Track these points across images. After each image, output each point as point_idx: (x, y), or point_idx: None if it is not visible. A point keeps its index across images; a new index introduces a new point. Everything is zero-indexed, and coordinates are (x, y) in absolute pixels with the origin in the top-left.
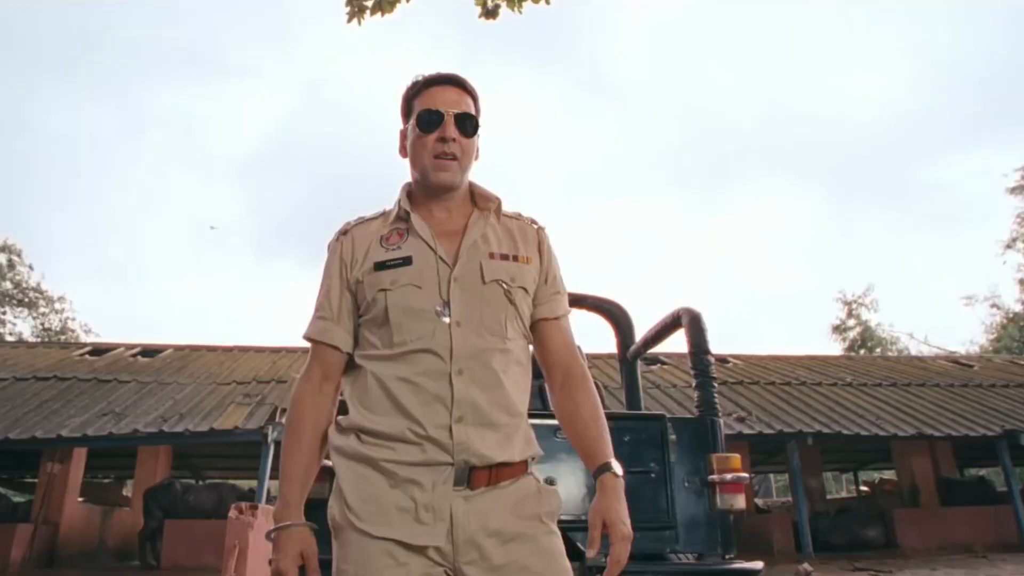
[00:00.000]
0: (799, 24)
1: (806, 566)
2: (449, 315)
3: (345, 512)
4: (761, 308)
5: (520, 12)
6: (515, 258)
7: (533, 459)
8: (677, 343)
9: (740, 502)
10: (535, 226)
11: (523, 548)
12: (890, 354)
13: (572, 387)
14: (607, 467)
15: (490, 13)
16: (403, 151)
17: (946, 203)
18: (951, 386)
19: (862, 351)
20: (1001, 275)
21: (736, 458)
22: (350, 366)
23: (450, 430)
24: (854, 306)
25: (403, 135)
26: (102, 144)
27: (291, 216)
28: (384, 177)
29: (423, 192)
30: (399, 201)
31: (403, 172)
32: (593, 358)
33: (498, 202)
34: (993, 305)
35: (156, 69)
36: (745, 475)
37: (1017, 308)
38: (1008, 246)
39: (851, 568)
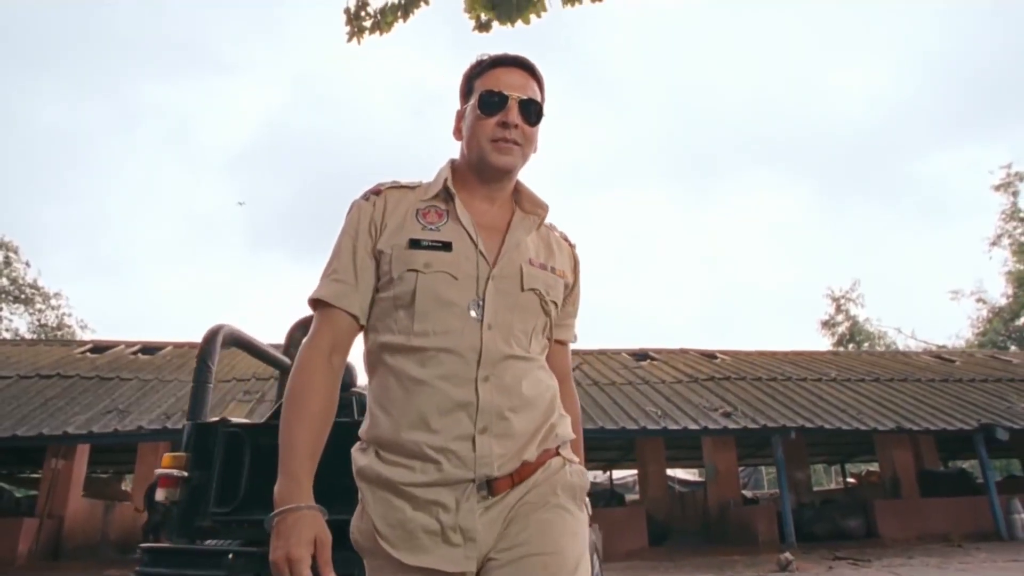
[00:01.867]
0: (789, 20)
1: (787, 555)
2: (482, 315)
3: (376, 538)
4: (752, 301)
5: (512, 26)
6: (553, 270)
7: (563, 444)
8: (668, 339)
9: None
10: (568, 243)
11: (522, 524)
12: (878, 348)
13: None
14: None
15: (483, 26)
16: (457, 133)
17: (934, 197)
18: (932, 381)
19: (851, 346)
20: (987, 269)
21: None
22: (370, 358)
23: (473, 442)
24: (842, 301)
25: (460, 116)
26: (94, 138)
27: (283, 210)
28: (375, 169)
29: (473, 175)
30: (445, 178)
31: (393, 166)
32: (583, 353)
33: (547, 209)
34: (979, 299)
35: (148, 64)
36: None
37: (1002, 302)
38: (993, 243)
39: (831, 557)
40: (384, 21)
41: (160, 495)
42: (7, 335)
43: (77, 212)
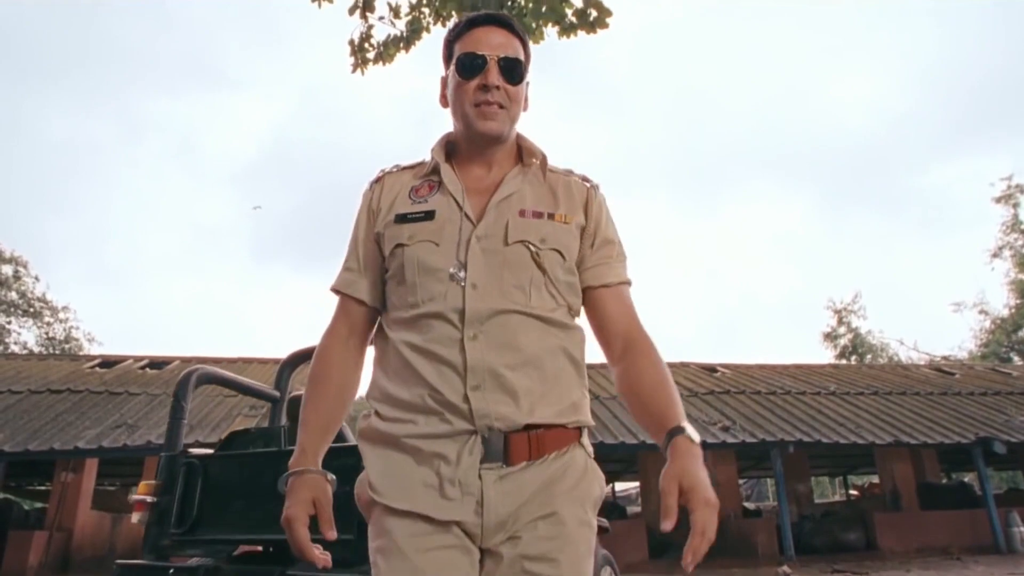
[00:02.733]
0: (792, 32)
1: (785, 568)
2: (465, 276)
3: (367, 490)
4: (754, 311)
5: None
6: (551, 216)
7: (583, 429)
8: (670, 350)
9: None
10: (586, 184)
11: (551, 535)
12: (881, 361)
13: (634, 354)
14: (679, 430)
15: None
16: (443, 100)
17: (937, 207)
18: (931, 394)
19: (853, 358)
20: (989, 280)
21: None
22: (378, 335)
23: (466, 398)
24: (844, 313)
25: (444, 82)
26: (100, 151)
27: (288, 221)
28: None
29: (465, 143)
30: (432, 151)
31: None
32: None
33: (542, 156)
34: (981, 311)
35: (155, 77)
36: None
37: (1005, 314)
38: (995, 255)
39: (830, 570)
40: (386, 53)
41: (134, 518)
42: (15, 348)
43: (84, 224)
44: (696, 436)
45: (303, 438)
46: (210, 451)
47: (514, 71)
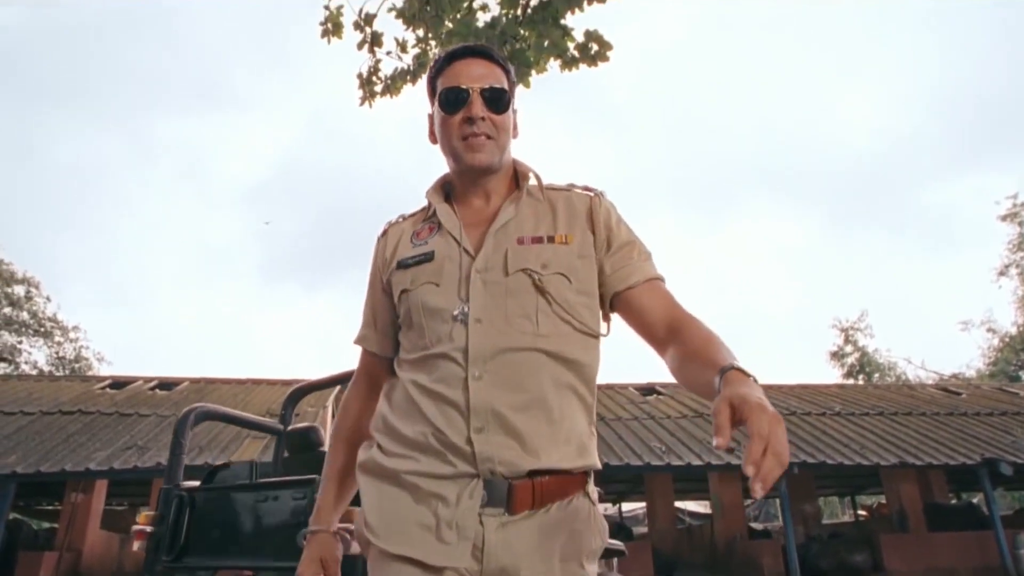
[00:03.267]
0: (796, 51)
1: None
2: (467, 312)
3: (363, 529)
4: (761, 329)
5: (527, 87)
6: (551, 239)
7: (590, 473)
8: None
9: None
10: (588, 194)
11: None
12: (888, 380)
13: (677, 333)
14: (732, 366)
15: None
16: (432, 137)
17: (943, 225)
18: (936, 415)
19: (861, 376)
20: (997, 298)
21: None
22: (391, 370)
23: (469, 440)
24: (850, 332)
25: (431, 119)
26: (111, 172)
27: (297, 242)
28: (387, 202)
29: (459, 178)
30: (427, 194)
31: (404, 199)
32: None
33: (528, 178)
34: (989, 329)
35: (165, 100)
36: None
37: (1013, 331)
38: (1001, 273)
39: None
40: (394, 86)
41: (136, 546)
42: (26, 367)
43: (94, 244)
44: (751, 372)
45: (320, 498)
46: (197, 483)
47: (498, 100)
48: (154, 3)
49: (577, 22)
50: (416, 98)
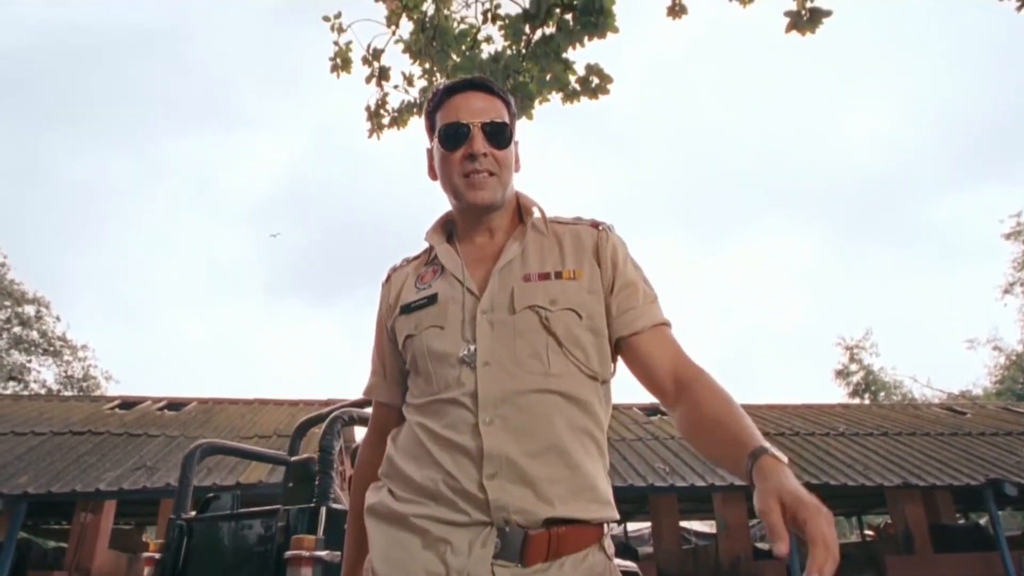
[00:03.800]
0: (800, 68)
1: None
2: (475, 355)
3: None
4: (766, 347)
5: (530, 119)
6: (559, 275)
7: (607, 525)
8: None
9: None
10: (596, 228)
11: None
12: (894, 398)
13: (688, 388)
14: (763, 450)
15: None
16: (431, 173)
17: (949, 242)
18: (941, 435)
19: (866, 395)
20: (1002, 316)
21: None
22: (399, 414)
23: (482, 487)
24: (855, 350)
25: (430, 155)
26: (119, 191)
27: (303, 258)
28: (393, 219)
29: (460, 216)
30: (427, 237)
31: (418, 211)
32: None
33: (532, 214)
34: (995, 347)
35: (172, 118)
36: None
37: (1020, 349)
38: (1006, 291)
39: None
40: (401, 118)
41: (145, 573)
42: (35, 386)
43: (101, 262)
44: (783, 456)
45: (345, 555)
46: (194, 514)
47: (500, 135)
48: (163, 24)
49: (579, 56)
50: (422, 127)
